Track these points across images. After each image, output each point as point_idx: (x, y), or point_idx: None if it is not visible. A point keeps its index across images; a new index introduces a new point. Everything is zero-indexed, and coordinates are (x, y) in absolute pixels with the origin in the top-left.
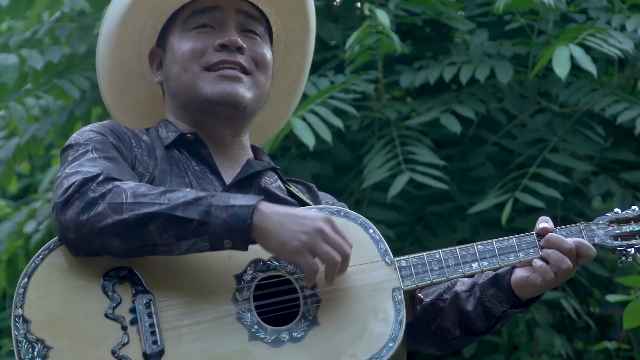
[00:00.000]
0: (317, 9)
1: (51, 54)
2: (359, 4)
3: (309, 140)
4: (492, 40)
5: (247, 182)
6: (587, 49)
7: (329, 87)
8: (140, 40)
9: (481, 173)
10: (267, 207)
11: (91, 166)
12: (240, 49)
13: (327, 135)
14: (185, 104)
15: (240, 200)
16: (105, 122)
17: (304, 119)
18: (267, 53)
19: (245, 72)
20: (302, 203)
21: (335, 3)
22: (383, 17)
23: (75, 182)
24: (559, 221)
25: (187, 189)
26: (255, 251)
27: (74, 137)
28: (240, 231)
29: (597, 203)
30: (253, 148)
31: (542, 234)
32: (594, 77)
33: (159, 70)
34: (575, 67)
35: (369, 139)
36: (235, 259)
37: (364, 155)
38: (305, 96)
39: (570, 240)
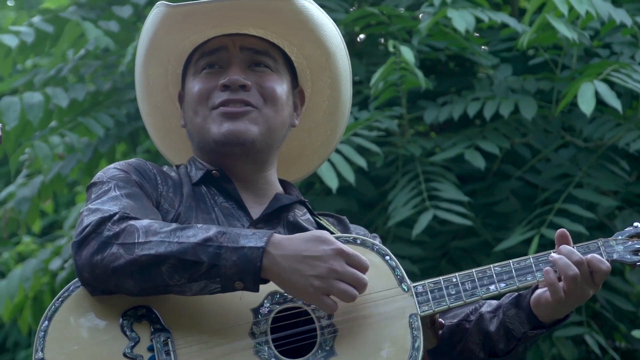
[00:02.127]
0: None
1: (76, 92)
2: (382, 40)
3: (332, 183)
4: (516, 76)
5: (275, 216)
6: (611, 84)
7: (352, 123)
8: (167, 85)
9: (506, 208)
10: (276, 248)
11: (112, 204)
12: (243, 87)
13: (350, 176)
14: (199, 146)
15: (250, 240)
16: (130, 160)
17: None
18: (276, 85)
19: (253, 107)
20: None
21: (358, 39)
22: (407, 53)
23: (92, 221)
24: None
25: (199, 225)
26: (272, 284)
27: (98, 175)
28: (251, 274)
29: None
30: (283, 182)
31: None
32: (619, 112)
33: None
34: (599, 102)
35: (393, 175)
36: (252, 293)
37: (388, 191)
38: None
39: (583, 255)
